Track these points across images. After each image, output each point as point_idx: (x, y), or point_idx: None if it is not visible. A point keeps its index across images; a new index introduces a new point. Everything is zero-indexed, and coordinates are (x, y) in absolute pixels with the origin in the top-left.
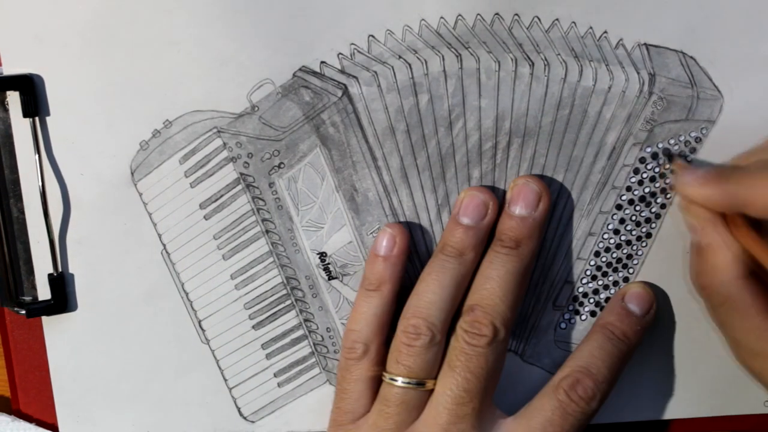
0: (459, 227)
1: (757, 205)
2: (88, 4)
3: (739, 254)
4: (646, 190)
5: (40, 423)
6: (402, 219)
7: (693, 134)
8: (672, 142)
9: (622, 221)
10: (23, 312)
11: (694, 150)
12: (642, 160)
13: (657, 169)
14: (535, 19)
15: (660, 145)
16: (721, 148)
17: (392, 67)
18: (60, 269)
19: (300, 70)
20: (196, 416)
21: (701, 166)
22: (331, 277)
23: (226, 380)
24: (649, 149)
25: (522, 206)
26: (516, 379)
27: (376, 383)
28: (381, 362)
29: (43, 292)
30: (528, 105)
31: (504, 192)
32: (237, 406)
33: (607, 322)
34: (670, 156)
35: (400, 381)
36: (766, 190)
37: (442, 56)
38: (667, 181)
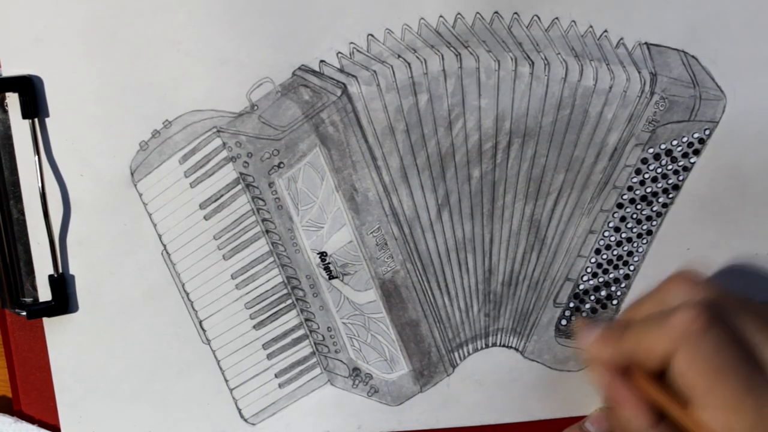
0: None
1: (651, 358)
2: (87, 4)
3: (647, 405)
4: (648, 189)
5: (42, 424)
6: (402, 218)
7: (696, 135)
8: (675, 143)
9: (623, 219)
10: (24, 313)
11: (697, 152)
12: (644, 161)
13: (659, 170)
14: (535, 17)
15: (663, 146)
16: (725, 150)
17: (391, 66)
18: (60, 270)
19: (299, 68)
20: (197, 417)
21: (599, 323)
22: (331, 277)
23: (227, 381)
24: (651, 150)
25: (596, 428)
26: (517, 376)
27: None
28: None
29: (44, 294)
30: (528, 105)
31: (505, 192)
32: (238, 408)
33: None
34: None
35: None
36: (656, 344)
37: (442, 55)
38: (670, 181)
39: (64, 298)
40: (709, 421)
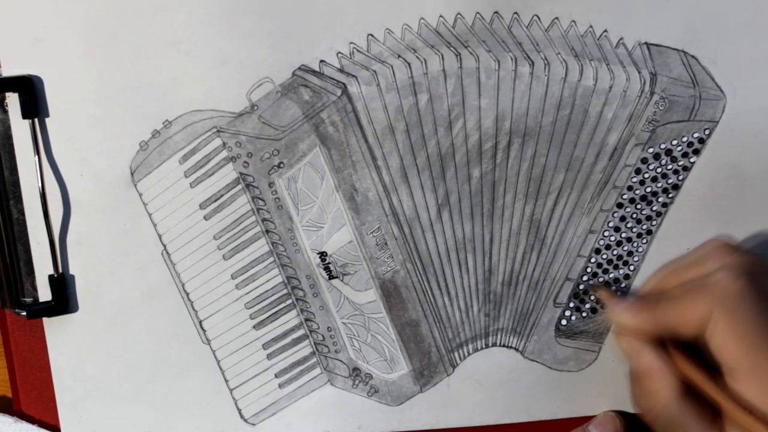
0: None
1: (685, 330)
2: (87, 4)
3: (675, 376)
4: (648, 189)
5: (42, 424)
6: (402, 218)
7: (696, 135)
8: (675, 142)
9: (623, 219)
10: (24, 313)
11: (697, 151)
12: (644, 161)
13: (659, 169)
14: (535, 17)
15: (662, 146)
16: (725, 150)
17: (391, 66)
18: (60, 270)
19: (299, 68)
20: (197, 417)
21: (628, 295)
22: (331, 277)
23: (227, 381)
24: (651, 150)
25: (601, 431)
26: (517, 376)
27: None
28: None
29: (44, 293)
30: (528, 105)
31: (505, 192)
32: (238, 408)
33: None
34: (592, 286)
35: None
36: (693, 309)
37: (442, 55)
38: (670, 180)
39: (64, 298)
40: (742, 388)
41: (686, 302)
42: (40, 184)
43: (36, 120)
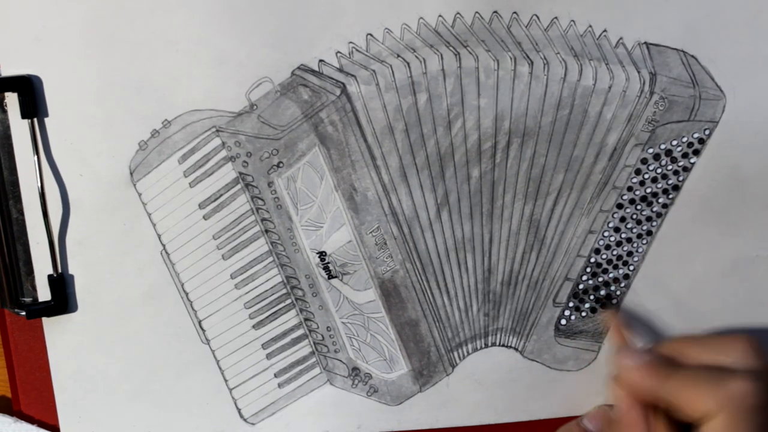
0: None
1: (685, 413)
2: (86, 4)
3: None
4: (648, 190)
5: (41, 424)
6: (401, 218)
7: (696, 135)
8: (674, 143)
9: (622, 219)
10: (23, 313)
11: (697, 152)
12: (644, 161)
13: (659, 170)
14: (534, 17)
15: (662, 146)
16: (725, 150)
17: (391, 65)
18: (60, 270)
19: (298, 68)
20: (196, 417)
21: (641, 345)
22: (330, 276)
23: (226, 381)
24: (651, 150)
25: (594, 424)
26: (516, 375)
27: None
28: None
29: (43, 293)
30: (527, 104)
31: (504, 191)
32: (237, 408)
33: None
34: (602, 302)
35: None
36: (702, 400)
37: (441, 55)
38: (670, 181)
39: (63, 298)
40: None
41: (699, 390)
42: (39, 184)
43: (35, 120)
